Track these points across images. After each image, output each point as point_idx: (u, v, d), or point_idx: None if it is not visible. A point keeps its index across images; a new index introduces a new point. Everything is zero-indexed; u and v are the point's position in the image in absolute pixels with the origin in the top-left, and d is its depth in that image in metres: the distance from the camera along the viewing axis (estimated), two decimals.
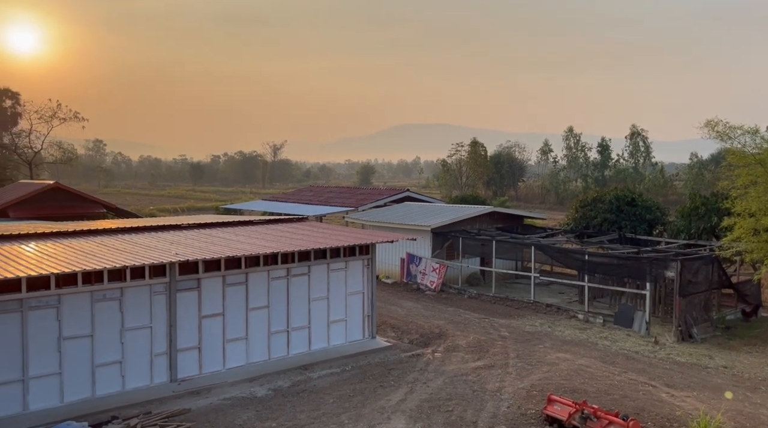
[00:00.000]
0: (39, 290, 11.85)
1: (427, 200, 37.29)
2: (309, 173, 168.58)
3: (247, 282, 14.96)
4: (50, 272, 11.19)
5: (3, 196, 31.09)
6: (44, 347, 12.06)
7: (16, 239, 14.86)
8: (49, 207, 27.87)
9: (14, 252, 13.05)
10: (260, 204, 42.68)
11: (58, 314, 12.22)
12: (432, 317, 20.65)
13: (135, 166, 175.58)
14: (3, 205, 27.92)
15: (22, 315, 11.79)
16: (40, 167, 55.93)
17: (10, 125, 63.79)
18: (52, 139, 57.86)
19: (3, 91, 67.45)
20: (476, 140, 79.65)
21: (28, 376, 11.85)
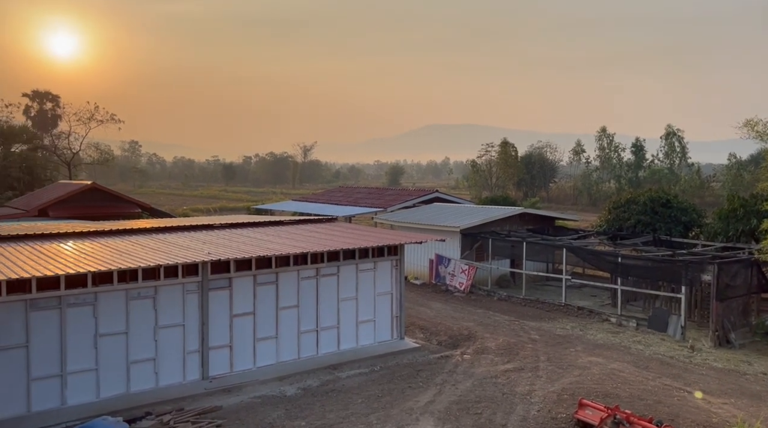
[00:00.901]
0: (77, 288, 12.19)
1: (457, 201, 37.10)
2: (338, 173, 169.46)
3: (278, 282, 15.12)
4: (88, 270, 11.51)
5: (43, 196, 32.07)
6: (81, 343, 12.39)
7: (55, 238, 15.32)
8: (86, 207, 28.61)
9: (54, 251, 13.45)
10: (290, 204, 43.07)
11: (94, 312, 12.54)
12: (461, 319, 20.53)
13: (169, 167, 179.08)
14: (43, 204, 28.80)
15: (61, 312, 12.14)
16: (79, 167, 57.51)
17: (50, 127, 65.85)
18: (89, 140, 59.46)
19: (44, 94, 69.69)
20: (506, 141, 78.88)
21: (66, 371, 12.19)
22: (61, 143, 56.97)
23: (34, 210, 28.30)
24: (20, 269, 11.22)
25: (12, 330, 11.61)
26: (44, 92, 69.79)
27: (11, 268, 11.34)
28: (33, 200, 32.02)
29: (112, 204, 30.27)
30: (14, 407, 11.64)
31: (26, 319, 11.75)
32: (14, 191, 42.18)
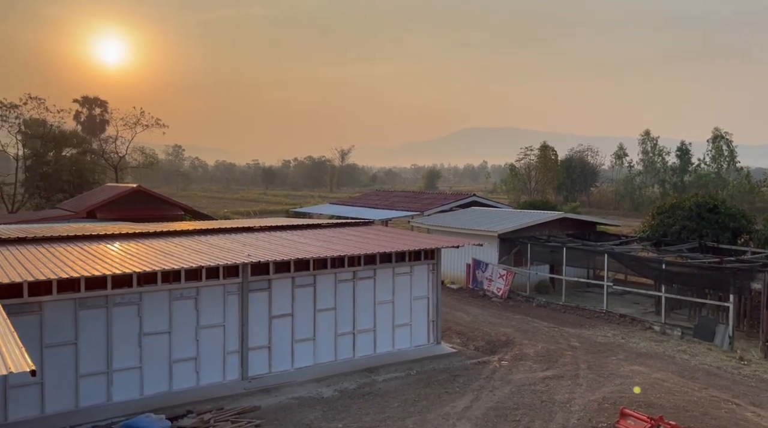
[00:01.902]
0: (123, 288, 12.58)
1: (495, 205, 36.75)
2: (375, 177, 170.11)
3: (315, 284, 15.27)
4: (133, 270, 11.87)
5: (92, 198, 33.22)
6: (126, 342, 12.75)
7: (102, 239, 15.85)
8: (132, 209, 29.52)
9: (101, 251, 13.92)
10: (328, 208, 43.45)
11: (139, 311, 12.90)
12: (499, 325, 20.31)
13: (211, 170, 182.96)
14: (92, 206, 29.83)
15: (107, 311, 12.53)
16: (125, 171, 59.30)
17: (98, 132, 68.22)
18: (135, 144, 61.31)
19: (93, 100, 72.28)
20: (546, 144, 77.73)
21: (112, 369, 12.57)
22: (109, 147, 58.91)
23: (83, 212, 29.33)
24: (70, 269, 11.66)
25: (62, 328, 12.04)
26: (93, 98, 72.42)
27: (62, 268, 11.79)
28: (82, 202, 33.20)
29: (157, 207, 31.10)
30: (64, 402, 12.06)
31: (75, 317, 12.17)
32: (65, 194, 43.81)
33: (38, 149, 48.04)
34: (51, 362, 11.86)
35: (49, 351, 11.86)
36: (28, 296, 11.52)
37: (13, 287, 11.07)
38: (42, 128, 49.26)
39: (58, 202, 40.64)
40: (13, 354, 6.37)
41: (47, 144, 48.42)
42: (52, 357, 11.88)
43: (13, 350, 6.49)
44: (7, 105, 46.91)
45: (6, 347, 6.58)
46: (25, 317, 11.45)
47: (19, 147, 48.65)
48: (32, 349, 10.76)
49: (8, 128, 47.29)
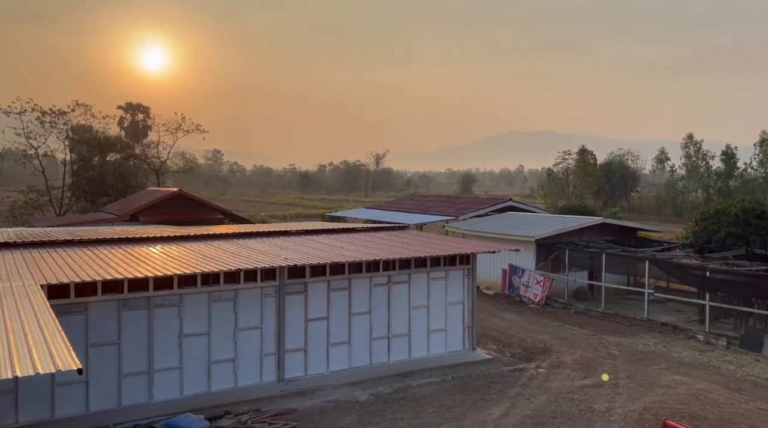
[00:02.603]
0: (164, 290, 12.89)
1: (531, 210, 36.25)
2: (410, 182, 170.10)
3: (350, 288, 15.35)
4: (174, 273, 12.16)
5: (134, 202, 34.16)
6: (167, 342, 13.05)
7: (144, 242, 16.29)
8: (173, 212, 30.21)
9: (143, 254, 14.30)
10: (363, 212, 43.60)
11: (179, 313, 13.19)
12: (535, 332, 20.01)
13: (249, 175, 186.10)
14: (134, 210, 30.67)
15: (149, 312, 12.86)
16: (166, 175, 60.76)
17: (141, 137, 70.17)
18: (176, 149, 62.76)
19: (136, 106, 74.43)
20: (585, 148, 76.34)
21: (153, 369, 12.88)
22: (151, 152, 60.46)
23: (126, 215, 30.16)
24: (114, 271, 12.02)
25: (106, 328, 12.41)
26: (136, 104, 74.57)
27: (106, 269, 12.16)
28: (125, 205, 34.17)
29: (196, 210, 31.77)
30: (107, 401, 12.41)
31: (119, 318, 12.52)
32: (109, 197, 45.13)
33: (84, 154, 49.67)
34: (95, 361, 12.22)
35: (94, 351, 12.23)
36: (75, 297, 11.93)
37: (61, 288, 11.49)
38: (88, 134, 50.94)
39: (102, 205, 41.90)
40: (61, 352, 6.61)
41: (93, 149, 50.03)
42: (96, 356, 12.25)
43: (62, 349, 6.72)
44: (57, 112, 48.64)
45: (55, 346, 6.83)
46: (72, 317, 11.84)
47: (67, 152, 50.39)
48: (78, 348, 11.11)
49: (57, 134, 49.04)
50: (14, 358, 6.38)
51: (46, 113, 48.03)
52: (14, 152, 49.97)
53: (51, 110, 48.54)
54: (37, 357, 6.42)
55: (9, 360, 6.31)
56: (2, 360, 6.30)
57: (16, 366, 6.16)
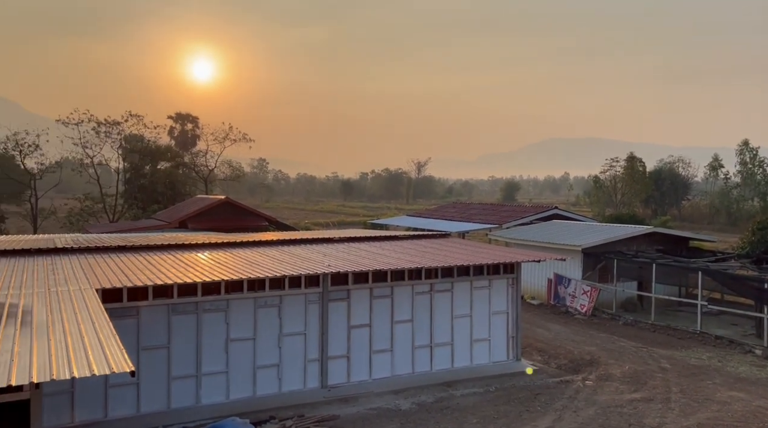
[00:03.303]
0: (211, 295, 13.20)
1: (578, 219, 35.51)
2: (452, 189, 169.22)
3: (393, 295, 15.35)
4: (221, 278, 12.43)
5: (184, 209, 35.14)
6: (214, 347, 13.33)
7: (193, 248, 16.72)
8: (220, 219, 30.95)
9: (192, 260, 14.68)
10: (404, 220, 43.60)
11: (226, 318, 13.46)
12: (582, 343, 19.53)
13: (293, 183, 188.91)
14: (183, 217, 31.56)
15: (197, 317, 13.17)
16: (213, 183, 62.30)
17: (190, 146, 72.20)
18: (223, 158, 64.33)
19: (185, 116, 76.67)
20: (633, 155, 74.31)
21: (201, 373, 13.17)
22: (199, 161, 62.17)
23: (175, 222, 31.06)
24: (164, 276, 12.38)
25: (156, 332, 12.77)
26: (185, 114, 76.84)
27: (157, 275, 12.54)
28: (174, 212, 35.19)
29: (243, 217, 32.44)
30: (157, 403, 12.75)
31: (168, 322, 12.88)
32: (159, 205, 46.59)
33: (136, 163, 51.47)
34: (146, 364, 12.58)
35: (145, 354, 12.60)
36: (127, 301, 12.34)
37: (114, 292, 11.91)
38: (140, 143, 52.80)
39: (153, 212, 43.25)
40: (115, 355, 6.85)
41: (144, 158, 51.80)
42: (147, 359, 12.61)
43: (116, 351, 6.97)
44: (111, 122, 50.66)
45: (109, 348, 7.08)
46: (124, 321, 12.24)
47: (120, 161, 52.36)
48: (130, 351, 11.45)
49: (111, 144, 51.05)
50: (72, 359, 6.64)
51: (101, 123, 50.11)
52: (72, 161, 52.20)
53: (106, 120, 50.60)
54: (93, 359, 6.67)
55: (67, 361, 6.58)
56: (61, 361, 6.57)
57: (74, 367, 6.42)
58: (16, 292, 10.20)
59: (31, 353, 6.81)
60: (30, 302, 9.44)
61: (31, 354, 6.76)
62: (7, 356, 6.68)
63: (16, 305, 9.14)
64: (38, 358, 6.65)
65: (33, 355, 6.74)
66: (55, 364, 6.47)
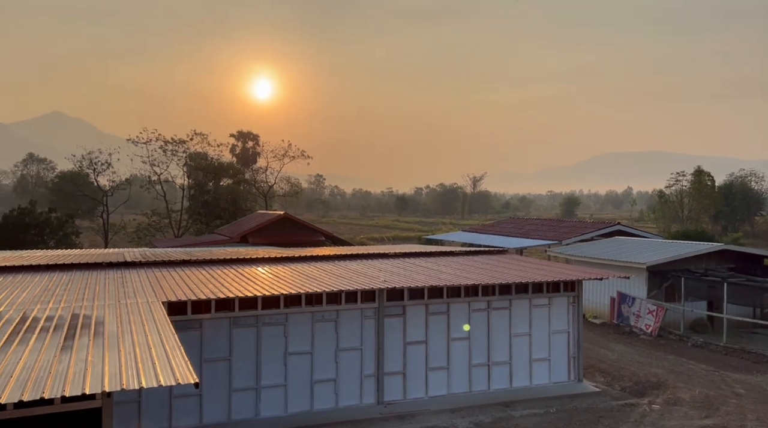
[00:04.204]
0: (271, 309, 13.46)
1: (642, 235, 34.22)
2: (508, 204, 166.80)
3: (449, 312, 15.21)
4: (281, 293, 12.67)
5: (244, 224, 36.14)
6: (273, 360, 13.56)
7: (253, 263, 17.15)
8: (279, 234, 31.61)
9: (252, 274, 15.05)
10: (460, 235, 43.23)
11: (285, 331, 13.69)
12: (648, 365, 18.70)
13: (348, 198, 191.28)
14: (244, 232, 32.43)
15: (257, 330, 13.46)
16: (273, 199, 63.83)
17: (251, 163, 74.41)
18: (282, 174, 65.90)
19: (246, 134, 79.16)
20: (701, 169, 71.13)
21: (260, 385, 13.41)
22: (259, 177, 63.92)
23: (237, 237, 31.96)
24: (226, 290, 12.73)
25: (218, 344, 13.13)
26: (247, 132, 79.37)
27: (219, 288, 12.91)
28: (236, 227, 36.22)
29: (301, 232, 33.02)
30: (218, 414, 13.06)
31: (230, 335, 13.22)
32: (221, 220, 48.13)
33: (200, 180, 53.47)
34: (208, 375, 12.93)
35: (207, 366, 12.96)
36: (191, 314, 12.76)
37: (179, 305, 12.34)
38: (204, 161, 54.85)
39: (215, 227, 44.69)
40: (180, 366, 7.08)
41: (208, 175, 53.76)
42: (209, 371, 12.96)
43: (181, 363, 7.20)
44: (177, 141, 52.93)
45: (175, 360, 7.32)
46: (188, 333, 12.64)
47: (185, 178, 54.51)
48: (194, 363, 11.78)
49: (177, 161, 53.28)
50: (140, 370, 6.91)
51: (168, 142, 52.41)
52: (140, 178, 54.76)
53: (172, 139, 52.90)
54: (160, 370, 6.91)
55: (136, 372, 6.85)
56: (130, 371, 6.85)
57: (142, 377, 6.68)
58: (89, 304, 10.73)
59: (103, 363, 7.13)
60: (102, 313, 9.91)
61: (103, 364, 7.08)
62: (82, 365, 7.02)
63: (89, 317, 9.62)
64: (109, 368, 6.95)
65: (105, 365, 7.05)
66: (125, 374, 6.75)
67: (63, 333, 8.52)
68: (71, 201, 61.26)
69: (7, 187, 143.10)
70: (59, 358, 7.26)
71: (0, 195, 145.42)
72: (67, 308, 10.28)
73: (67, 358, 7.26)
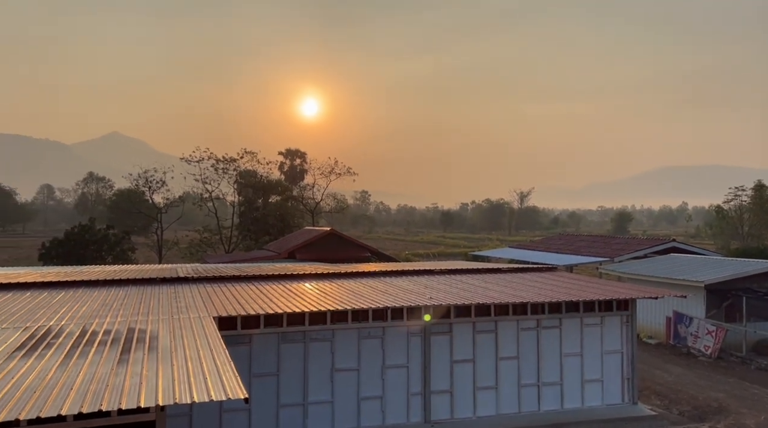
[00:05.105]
0: (318, 325, 13.56)
1: (699, 252, 32.89)
2: (557, 220, 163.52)
3: (497, 331, 14.95)
4: (327, 309, 12.76)
5: (292, 240, 36.69)
6: (320, 376, 13.61)
7: (301, 279, 17.35)
8: (326, 250, 31.94)
9: (300, 290, 15.22)
10: (507, 251, 42.60)
11: (331, 347, 13.74)
12: (707, 388, 17.85)
13: (393, 214, 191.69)
14: (292, 248, 32.92)
15: (305, 346, 13.57)
16: (319, 215, 64.64)
17: (298, 180, 75.77)
18: (329, 191, 66.76)
19: (294, 152, 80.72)
20: (762, 183, 67.95)
21: (308, 401, 13.47)
22: (306, 194, 64.95)
23: (284, 253, 32.46)
24: (275, 305, 12.91)
25: (267, 359, 13.28)
26: (294, 150, 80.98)
27: (268, 304, 13.10)
28: (284, 243, 36.81)
29: (347, 248, 33.26)
30: None
31: (278, 350, 13.37)
32: (270, 236, 49.04)
33: (250, 197, 54.74)
34: (257, 391, 13.09)
35: (256, 381, 13.12)
36: (241, 329, 12.98)
37: (229, 320, 12.58)
38: (254, 178, 56.17)
39: (264, 243, 45.55)
40: (230, 381, 7.19)
41: (257, 192, 55.00)
42: (258, 386, 13.12)
43: (231, 378, 7.32)
44: (228, 159, 54.45)
45: (225, 375, 7.46)
46: (238, 348, 12.85)
47: (235, 195, 55.94)
48: (243, 378, 11.97)
49: (228, 179, 54.76)
50: (192, 384, 7.07)
51: (219, 160, 53.96)
52: (193, 195, 56.51)
53: (224, 157, 54.45)
54: (211, 385, 7.05)
55: (188, 386, 7.00)
56: (182, 385, 7.01)
57: (194, 391, 6.82)
58: (144, 318, 11.08)
59: (157, 376, 7.33)
60: (156, 328, 10.21)
61: (157, 378, 7.27)
62: (137, 378, 7.24)
63: (144, 331, 9.93)
64: (163, 381, 7.13)
65: (159, 378, 7.24)
66: (177, 388, 6.90)
67: (119, 346, 8.82)
68: (128, 218, 63.75)
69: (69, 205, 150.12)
70: (116, 371, 7.50)
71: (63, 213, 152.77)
72: (124, 322, 10.64)
73: (123, 371, 7.50)
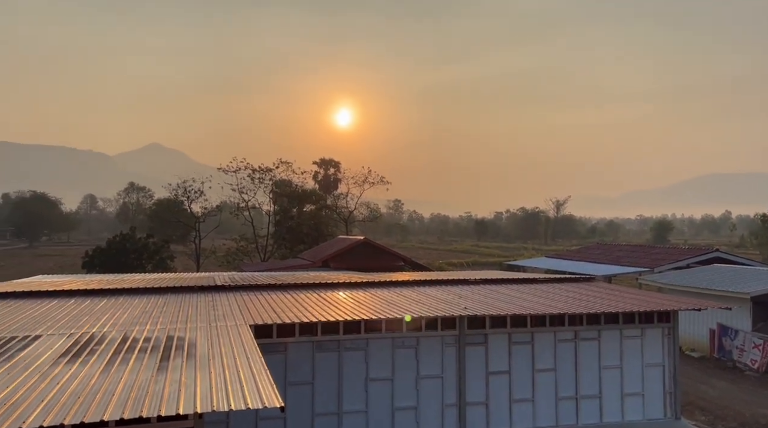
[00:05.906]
0: (352, 334, 13.58)
1: (743, 262, 31.77)
2: (594, 229, 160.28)
3: (533, 342, 14.71)
4: (361, 318, 12.76)
5: (326, 249, 36.93)
6: (354, 385, 13.61)
7: (335, 287, 17.43)
8: (359, 259, 32.02)
9: (334, 298, 15.29)
10: (543, 261, 41.96)
11: (365, 357, 13.74)
12: (755, 404, 17.18)
13: (426, 222, 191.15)
14: (326, 257, 33.13)
15: (339, 355, 13.60)
16: (353, 224, 64.91)
17: (332, 189, 76.35)
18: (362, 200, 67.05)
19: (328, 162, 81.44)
20: None
21: (342, 410, 13.48)
22: (340, 203, 65.37)
23: (319, 261, 32.68)
24: (310, 314, 12.99)
25: (302, 368, 13.36)
26: (329, 160, 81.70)
27: (303, 312, 13.20)
28: (318, 252, 37.06)
29: (380, 257, 33.29)
30: None
31: (313, 359, 13.43)
32: (304, 245, 49.46)
33: (285, 206, 55.39)
34: (292, 399, 13.16)
35: (291, 389, 13.20)
36: (277, 337, 13.10)
37: (265, 328, 12.71)
38: (289, 188, 56.85)
39: (299, 252, 45.95)
40: (266, 389, 7.25)
41: (292, 201, 55.63)
42: (293, 394, 13.19)
43: (267, 386, 7.39)
44: (264, 169, 55.28)
45: (261, 383, 7.52)
46: (273, 356, 12.96)
47: (271, 204, 56.68)
48: (279, 386, 12.08)
49: (263, 189, 55.55)
50: (229, 392, 7.15)
51: (255, 170, 54.82)
52: (230, 205, 57.51)
53: (260, 167, 55.29)
54: (247, 393, 7.11)
55: (225, 394, 7.09)
56: (220, 393, 7.10)
57: (231, 399, 6.90)
58: (183, 326, 11.29)
59: (195, 384, 7.44)
60: (194, 335, 10.39)
61: (195, 385, 7.38)
62: (176, 386, 7.36)
63: (183, 338, 10.11)
64: (201, 389, 7.23)
65: (197, 386, 7.34)
66: (215, 396, 6.99)
67: (159, 353, 9.00)
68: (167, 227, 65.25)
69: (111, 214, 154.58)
70: (155, 378, 7.65)
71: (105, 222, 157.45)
72: (163, 329, 10.86)
73: (162, 378, 7.64)
